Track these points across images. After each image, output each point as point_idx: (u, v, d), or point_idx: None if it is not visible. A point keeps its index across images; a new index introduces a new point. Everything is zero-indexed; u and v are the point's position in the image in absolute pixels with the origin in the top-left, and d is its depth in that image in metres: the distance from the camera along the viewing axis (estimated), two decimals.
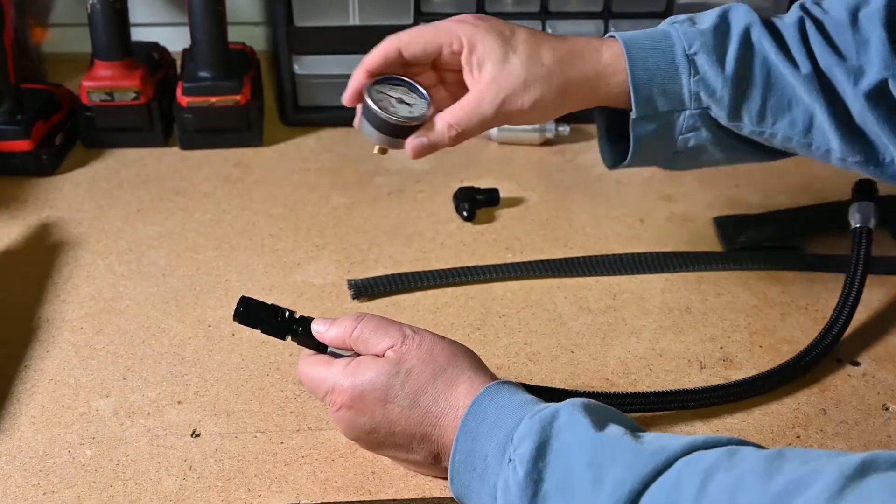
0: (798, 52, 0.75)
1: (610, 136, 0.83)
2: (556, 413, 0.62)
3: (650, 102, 0.76)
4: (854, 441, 0.75)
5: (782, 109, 0.76)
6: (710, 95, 0.75)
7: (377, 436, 0.68)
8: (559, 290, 0.92)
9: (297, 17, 1.15)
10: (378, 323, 0.70)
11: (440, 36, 0.75)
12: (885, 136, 0.75)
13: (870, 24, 0.75)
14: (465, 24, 0.75)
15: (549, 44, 0.76)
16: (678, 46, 0.76)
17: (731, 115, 0.76)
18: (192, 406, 0.77)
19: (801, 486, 0.50)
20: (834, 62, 0.75)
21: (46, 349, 0.83)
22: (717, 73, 0.75)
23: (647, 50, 0.76)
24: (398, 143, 0.76)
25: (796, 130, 0.76)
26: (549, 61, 0.75)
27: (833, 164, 0.78)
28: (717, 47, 0.75)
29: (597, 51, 0.76)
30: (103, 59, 1.11)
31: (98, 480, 0.70)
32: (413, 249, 0.97)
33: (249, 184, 1.09)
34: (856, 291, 0.84)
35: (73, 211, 1.03)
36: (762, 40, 0.76)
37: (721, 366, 0.82)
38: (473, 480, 0.64)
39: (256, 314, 0.72)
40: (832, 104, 0.75)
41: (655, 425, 0.76)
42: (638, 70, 0.75)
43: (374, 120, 0.75)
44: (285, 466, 0.72)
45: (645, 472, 0.56)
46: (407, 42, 0.75)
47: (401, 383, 0.66)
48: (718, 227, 1.01)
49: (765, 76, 0.75)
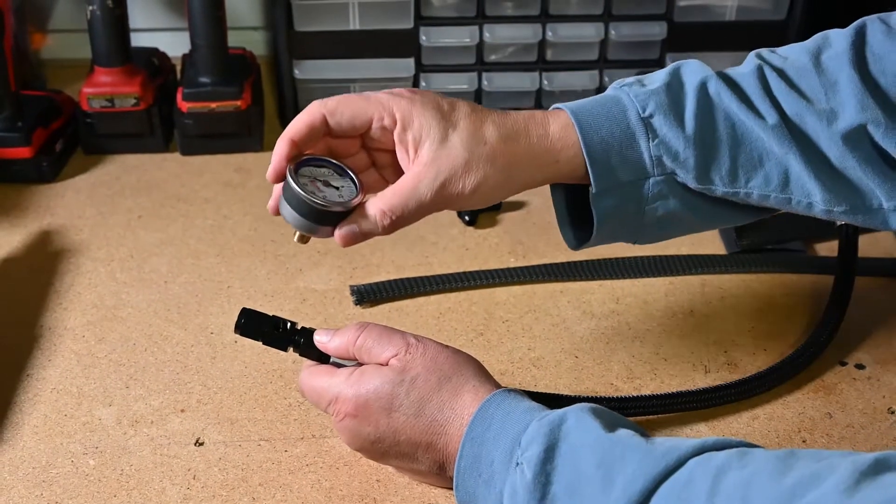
0: (761, 101, 0.70)
1: (571, 215, 0.75)
2: (565, 416, 0.62)
3: (610, 174, 0.69)
4: (860, 445, 0.74)
5: (754, 166, 0.70)
6: (674, 159, 0.69)
7: (382, 445, 0.67)
8: (562, 295, 0.92)
9: (298, 21, 1.15)
10: (381, 332, 0.70)
11: (370, 107, 0.68)
12: (870, 178, 0.69)
13: (836, 66, 0.70)
14: (399, 98, 0.68)
15: (492, 119, 0.69)
16: (631, 110, 0.69)
17: (700, 178, 0.69)
18: (195, 414, 0.77)
19: (814, 482, 0.50)
20: (803, 107, 0.69)
21: (48, 358, 0.83)
22: (678, 134, 0.68)
23: (598, 117, 0.69)
24: (323, 231, 0.68)
25: (772, 186, 0.70)
26: (493, 139, 0.68)
27: (818, 216, 0.71)
28: (673, 106, 0.69)
29: (542, 124, 0.69)
30: (103, 66, 1.11)
31: (102, 490, 0.70)
32: (415, 254, 0.97)
33: (251, 189, 1.09)
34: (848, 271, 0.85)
35: (74, 218, 1.03)
36: (721, 93, 0.70)
37: (726, 370, 0.82)
38: (479, 487, 0.63)
39: (258, 326, 0.71)
40: (807, 152, 0.69)
41: (660, 432, 0.76)
42: (591, 140, 0.68)
43: (298, 203, 0.66)
44: (290, 475, 0.72)
45: (656, 471, 0.55)
46: (333, 109, 0.67)
47: (406, 392, 0.66)
48: (721, 230, 1.01)
49: (730, 132, 0.69)
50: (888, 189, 0.69)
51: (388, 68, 1.17)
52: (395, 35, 1.16)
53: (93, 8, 1.07)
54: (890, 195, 0.70)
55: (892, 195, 0.70)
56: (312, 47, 1.16)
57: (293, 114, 1.18)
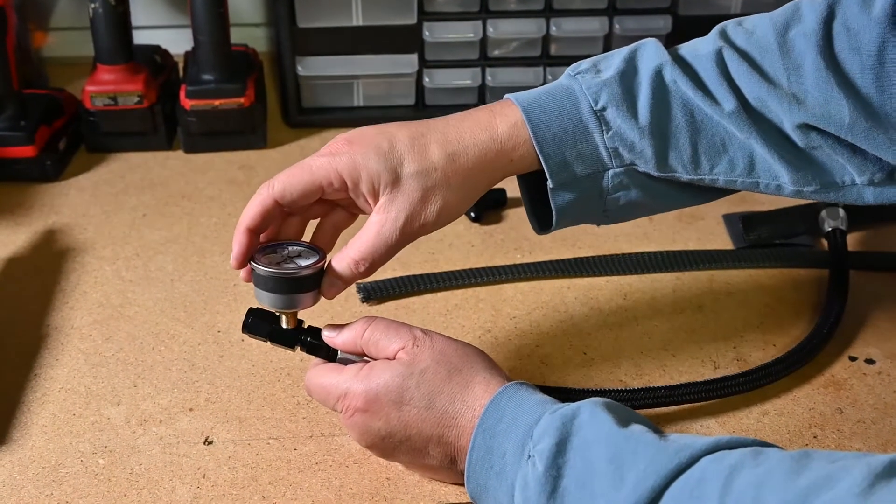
0: (717, 87, 0.68)
1: (533, 201, 0.74)
2: (578, 410, 0.61)
3: (565, 168, 0.68)
4: (872, 440, 0.74)
5: (717, 152, 0.69)
6: (630, 150, 0.68)
7: (392, 440, 0.67)
8: (569, 291, 0.91)
9: (300, 18, 1.14)
10: (388, 325, 0.70)
11: (316, 178, 0.67)
12: (838, 155, 0.68)
13: (802, 47, 0.68)
14: (339, 157, 0.67)
15: (434, 140, 0.68)
16: (583, 103, 0.68)
17: (660, 167, 0.69)
18: (203, 413, 0.77)
19: (828, 483, 0.49)
20: (765, 90, 0.68)
21: (56, 357, 0.83)
22: (632, 126, 0.68)
23: (550, 112, 0.68)
24: (304, 300, 0.70)
25: (738, 171, 0.69)
26: (441, 162, 0.68)
27: (789, 197, 0.71)
28: (626, 96, 0.68)
29: (488, 128, 0.69)
30: (106, 63, 1.10)
31: (112, 490, 0.70)
32: (421, 251, 0.97)
33: (255, 186, 1.06)
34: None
35: (78, 216, 1.02)
36: (676, 80, 0.68)
37: (735, 365, 0.82)
38: (490, 479, 0.63)
39: (264, 325, 0.71)
40: (770, 136, 0.68)
41: (669, 427, 0.76)
42: (543, 136, 0.68)
43: (272, 283, 0.69)
44: (299, 473, 0.71)
45: (669, 468, 0.55)
46: (281, 192, 0.68)
47: (416, 384, 0.66)
48: (728, 225, 1.00)
49: (688, 119, 0.68)
50: (858, 164, 0.69)
51: (391, 64, 1.17)
52: (399, 31, 1.16)
53: (95, 6, 1.07)
54: (861, 170, 0.69)
55: (863, 169, 0.69)
56: (315, 43, 1.16)
57: (296, 110, 1.19)
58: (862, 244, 0.98)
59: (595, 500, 0.57)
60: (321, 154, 0.69)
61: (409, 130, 0.69)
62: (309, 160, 0.69)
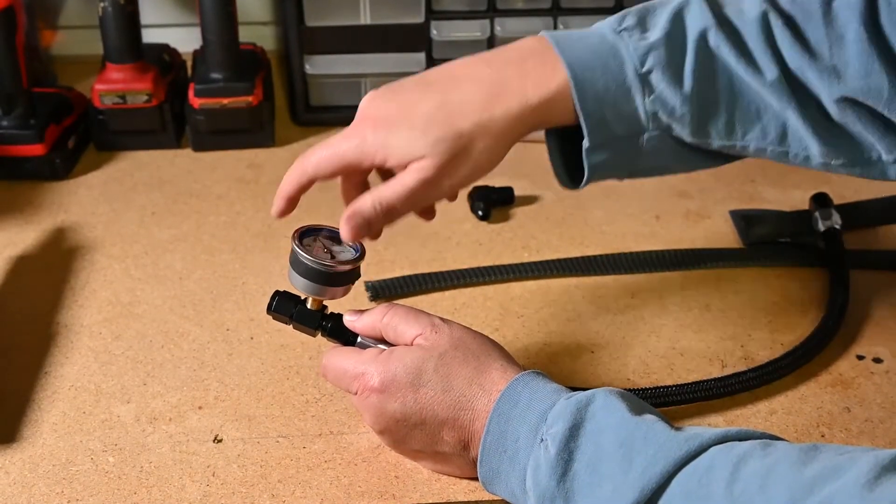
0: (762, 55, 0.68)
1: (563, 153, 0.74)
2: (592, 397, 0.62)
3: (604, 128, 0.68)
4: (879, 439, 0.74)
5: (751, 119, 0.69)
6: (670, 115, 0.68)
7: (406, 423, 0.67)
8: (577, 289, 0.92)
9: (308, 16, 1.14)
10: (408, 311, 0.71)
11: (346, 159, 0.69)
12: (870, 132, 0.68)
13: (846, 17, 0.67)
14: (365, 142, 0.68)
15: (462, 104, 0.68)
16: (629, 64, 0.67)
17: (696, 133, 0.69)
18: (213, 411, 0.77)
19: (835, 474, 0.50)
20: (806, 63, 0.67)
21: (66, 355, 0.83)
22: (675, 92, 0.68)
23: (594, 71, 0.67)
24: (332, 292, 0.72)
25: (769, 139, 0.69)
26: (470, 129, 0.68)
27: (815, 168, 0.71)
28: (671, 62, 0.68)
29: (521, 90, 0.68)
30: (115, 62, 1.10)
31: (122, 488, 0.70)
32: (429, 249, 0.97)
33: (263, 185, 1.08)
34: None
35: (87, 215, 1.03)
36: (721, 47, 0.68)
37: (743, 364, 0.82)
38: (503, 463, 0.64)
39: (290, 305, 0.73)
40: (806, 107, 0.68)
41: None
42: (586, 95, 0.67)
43: (305, 270, 0.70)
44: (308, 471, 0.72)
45: (678, 455, 0.56)
46: (315, 171, 0.70)
47: (434, 367, 0.67)
48: (735, 223, 1.00)
49: (727, 86, 0.68)
50: (889, 143, 0.69)
51: (399, 63, 1.17)
52: (406, 29, 1.16)
53: (104, 5, 1.07)
54: (890, 148, 0.69)
55: (892, 148, 0.69)
56: (323, 42, 1.16)
57: (304, 109, 1.20)
58: (862, 244, 0.98)
59: (603, 484, 0.58)
60: (347, 136, 0.69)
61: (433, 101, 0.68)
62: (338, 144, 0.69)
